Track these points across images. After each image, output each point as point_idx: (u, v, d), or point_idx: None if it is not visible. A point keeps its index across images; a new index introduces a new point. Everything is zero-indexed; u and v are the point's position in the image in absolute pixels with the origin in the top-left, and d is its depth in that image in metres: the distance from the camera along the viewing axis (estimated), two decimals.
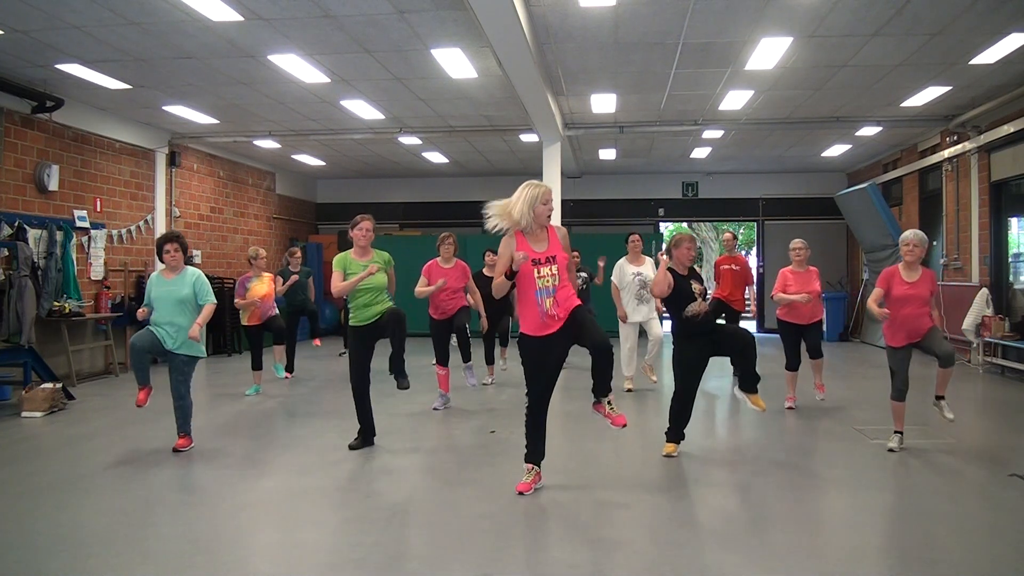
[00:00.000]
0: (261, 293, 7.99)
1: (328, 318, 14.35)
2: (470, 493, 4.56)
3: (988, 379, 9.13)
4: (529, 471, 4.57)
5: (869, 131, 11.40)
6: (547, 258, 4.36)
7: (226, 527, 4.04)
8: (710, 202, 16.28)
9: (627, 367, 8.01)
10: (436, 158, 14.03)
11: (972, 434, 6.15)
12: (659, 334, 7.95)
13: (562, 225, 5.76)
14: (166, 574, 3.41)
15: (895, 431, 5.55)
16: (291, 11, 6.50)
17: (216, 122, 10.79)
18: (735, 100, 9.67)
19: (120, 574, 3.41)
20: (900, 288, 5.35)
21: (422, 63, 8.05)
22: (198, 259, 12.17)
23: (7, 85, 8.20)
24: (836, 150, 13.30)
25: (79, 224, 9.44)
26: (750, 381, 5.26)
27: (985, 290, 9.62)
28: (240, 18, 6.62)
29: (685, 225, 32.36)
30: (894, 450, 5.44)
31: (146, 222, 10.85)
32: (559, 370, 4.55)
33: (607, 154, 13.79)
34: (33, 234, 8.55)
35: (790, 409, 7.01)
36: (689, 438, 5.53)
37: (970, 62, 7.96)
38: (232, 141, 12.11)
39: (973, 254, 10.43)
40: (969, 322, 9.49)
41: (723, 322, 5.21)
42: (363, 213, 5.76)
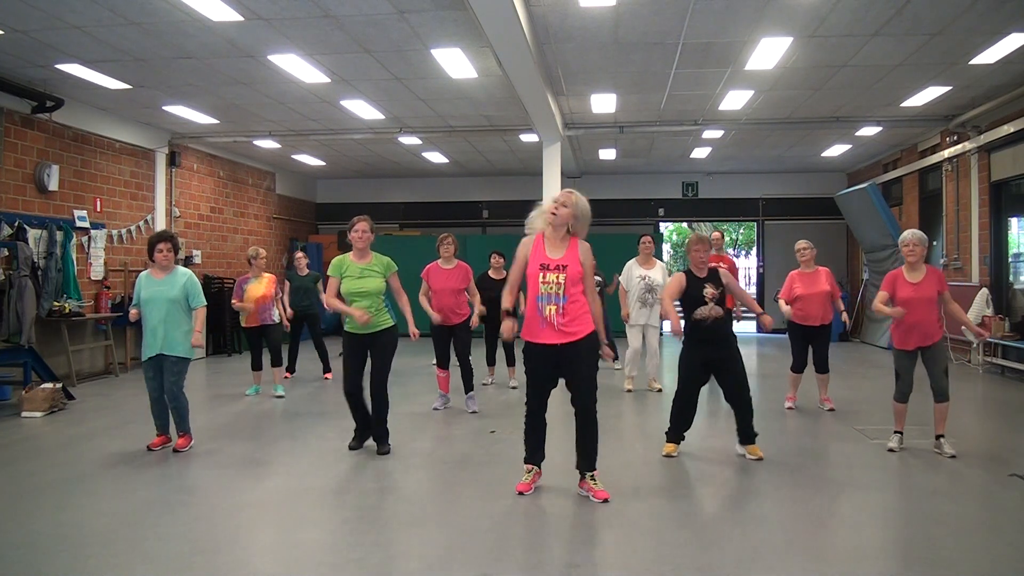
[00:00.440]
0: (257, 295, 7.88)
1: (328, 319, 14.32)
2: (470, 493, 4.56)
3: (988, 379, 9.13)
4: (529, 471, 4.56)
5: (869, 131, 11.40)
6: (557, 265, 4.25)
7: (226, 527, 4.04)
8: (710, 202, 16.28)
9: (630, 368, 8.07)
10: (436, 158, 14.03)
11: (972, 434, 6.14)
12: (656, 347, 8.01)
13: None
14: (166, 574, 3.41)
15: (895, 431, 5.55)
16: (291, 11, 6.50)
17: (216, 122, 10.79)
18: (735, 100, 9.68)
19: (120, 574, 3.41)
20: (905, 290, 5.28)
21: (422, 63, 8.05)
22: (198, 259, 12.18)
23: (7, 85, 8.20)
24: (836, 150, 13.30)
25: (79, 224, 9.44)
26: (748, 436, 5.36)
27: (985, 290, 9.62)
28: (240, 18, 6.62)
29: (685, 225, 32.44)
30: (894, 450, 5.45)
31: (146, 222, 10.85)
32: (556, 380, 4.47)
33: (607, 154, 13.79)
34: (33, 234, 8.55)
35: (790, 409, 7.03)
36: (688, 438, 5.56)
37: (970, 62, 7.97)
38: (232, 141, 12.11)
39: (973, 254, 10.43)
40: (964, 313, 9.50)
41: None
42: (361, 214, 5.56)
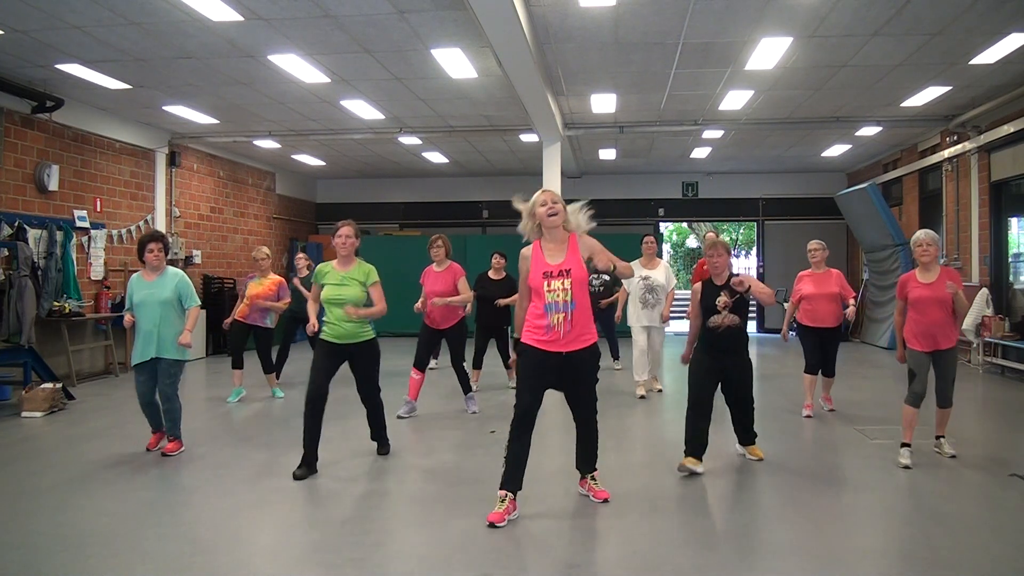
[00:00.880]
0: (251, 292, 7.78)
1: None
2: (470, 493, 4.55)
3: (988, 379, 9.12)
4: (502, 499, 4.01)
5: (869, 131, 11.40)
6: (560, 271, 4.03)
7: (226, 527, 4.04)
8: (710, 202, 16.28)
9: (638, 373, 7.79)
10: (436, 158, 14.03)
11: (972, 434, 6.14)
12: (658, 349, 7.85)
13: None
14: (166, 574, 3.41)
15: (903, 444, 5.14)
16: (291, 11, 6.50)
17: (216, 122, 10.79)
18: (735, 100, 9.68)
19: (120, 574, 3.41)
20: (917, 291, 5.10)
21: (422, 63, 8.05)
22: (198, 259, 12.18)
23: (7, 85, 8.20)
24: (836, 150, 13.30)
25: (79, 224, 9.44)
26: (749, 437, 5.32)
27: (985, 290, 9.62)
28: (240, 18, 6.62)
29: (685, 225, 32.42)
30: (909, 467, 5.00)
31: (146, 222, 10.85)
32: (551, 386, 4.25)
33: (607, 154, 13.79)
34: (33, 234, 8.55)
35: (808, 418, 6.66)
36: (683, 437, 5.48)
37: (970, 62, 7.97)
38: (232, 141, 12.11)
39: (973, 254, 10.43)
40: (969, 322, 9.49)
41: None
42: (357, 215, 5.31)
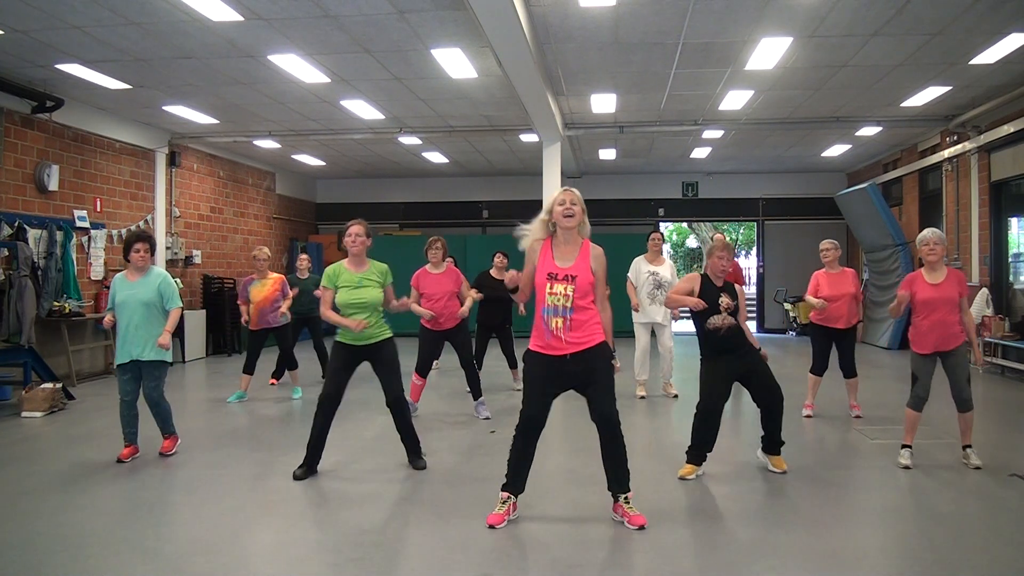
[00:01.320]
0: (258, 297, 7.76)
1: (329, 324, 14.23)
2: (470, 493, 4.55)
3: (988, 379, 9.12)
4: (503, 501, 4.01)
5: (869, 131, 11.41)
6: (566, 275, 3.90)
7: (226, 527, 4.04)
8: (710, 202, 16.28)
9: (640, 371, 7.76)
10: (436, 158, 14.04)
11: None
12: (670, 345, 7.68)
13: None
14: (166, 574, 3.41)
15: (904, 445, 5.13)
16: (291, 11, 6.51)
17: (216, 122, 10.79)
18: (735, 100, 9.68)
19: (120, 574, 3.41)
20: (924, 292, 5.01)
21: (422, 63, 8.05)
22: (198, 259, 12.18)
23: (7, 85, 8.20)
24: (836, 150, 13.30)
25: (79, 224, 9.44)
26: (774, 446, 5.03)
27: (985, 290, 9.63)
28: (240, 18, 6.62)
29: (685, 225, 32.38)
30: (908, 467, 5.03)
31: (146, 222, 10.85)
32: (557, 393, 4.07)
33: (607, 154, 13.79)
34: (33, 234, 8.55)
35: (808, 418, 6.68)
36: (683, 438, 5.45)
37: (970, 62, 7.97)
38: (232, 141, 12.12)
39: (973, 254, 10.43)
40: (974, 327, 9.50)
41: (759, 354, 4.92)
42: (359, 215, 5.25)
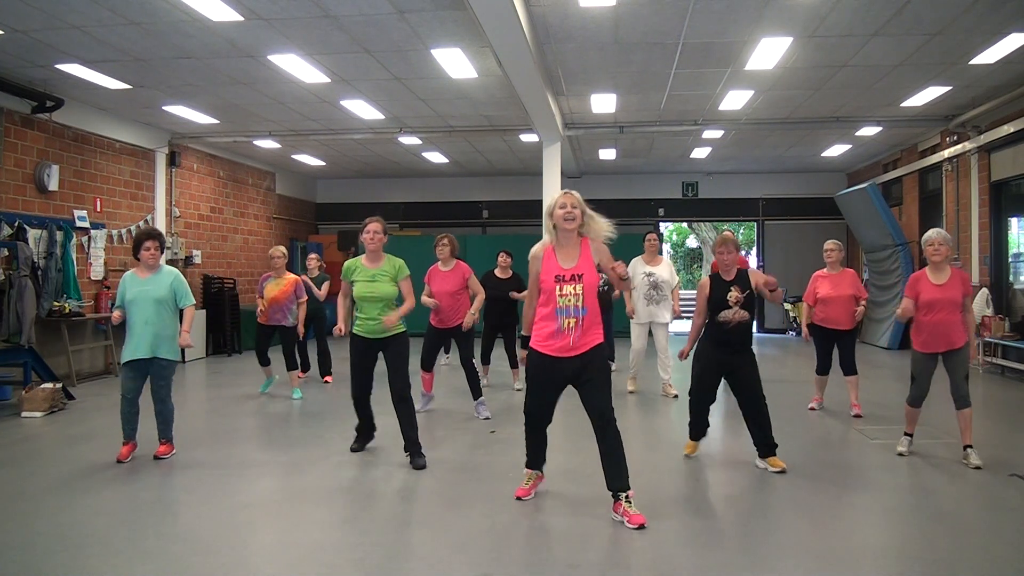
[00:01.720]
0: (270, 296, 7.84)
1: (332, 319, 14.26)
2: (470, 493, 4.56)
3: (988, 379, 9.12)
4: (528, 476, 4.44)
5: (869, 131, 11.41)
6: (572, 276, 4.04)
7: (226, 527, 4.04)
8: (710, 202, 16.28)
9: (633, 367, 8.00)
10: (436, 158, 14.03)
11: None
12: (665, 345, 7.81)
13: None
14: (166, 574, 3.41)
15: (905, 433, 5.41)
16: (291, 11, 6.51)
17: (216, 122, 10.79)
18: (735, 100, 9.68)
19: (120, 574, 3.41)
20: (929, 292, 5.07)
21: (422, 63, 8.05)
22: (198, 259, 12.18)
23: (7, 85, 8.20)
24: (836, 150, 13.30)
25: (79, 224, 9.44)
26: (768, 448, 5.10)
27: (985, 290, 9.63)
28: (240, 18, 6.62)
29: (685, 225, 32.39)
30: (903, 454, 5.32)
31: (146, 222, 10.84)
32: (559, 393, 4.27)
33: (607, 154, 13.79)
34: (33, 234, 8.55)
35: (812, 410, 7.02)
36: (683, 438, 5.50)
37: (970, 62, 7.97)
38: (232, 141, 12.11)
39: (973, 254, 10.43)
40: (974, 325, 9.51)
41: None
42: (362, 214, 5.34)
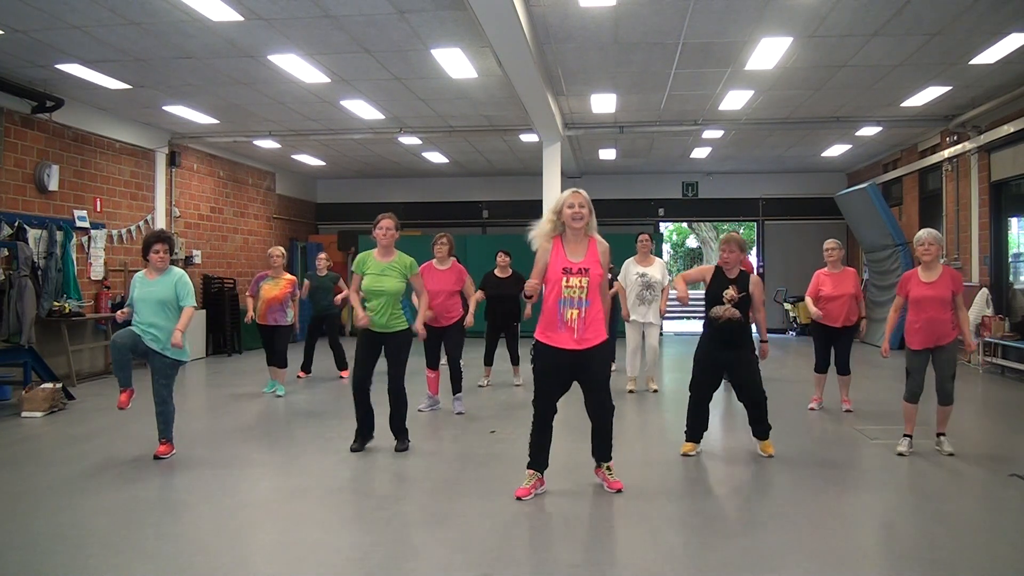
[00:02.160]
0: (267, 296, 7.85)
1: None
2: (470, 493, 4.56)
3: (988, 379, 9.13)
4: (530, 477, 4.45)
5: (869, 131, 11.41)
6: (580, 269, 4.23)
7: (226, 527, 4.04)
8: (710, 202, 16.29)
9: (630, 368, 8.01)
10: (436, 158, 14.03)
11: (972, 434, 6.14)
12: (655, 344, 7.96)
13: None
14: (166, 574, 3.41)
15: (904, 434, 5.43)
16: (291, 11, 6.51)
17: (216, 122, 10.79)
18: (735, 100, 9.68)
19: (120, 574, 3.40)
20: (918, 289, 5.26)
21: (422, 63, 8.05)
22: (198, 259, 12.18)
23: (7, 85, 8.20)
24: (836, 150, 13.30)
25: (79, 224, 9.44)
26: (759, 429, 5.36)
27: (985, 290, 9.63)
28: (240, 18, 6.62)
29: (685, 225, 32.40)
30: (903, 454, 5.33)
31: (146, 222, 10.85)
32: (567, 386, 4.44)
33: (607, 154, 13.79)
34: (33, 234, 8.55)
35: (812, 410, 6.99)
36: (683, 438, 5.51)
37: (970, 62, 7.97)
38: (232, 141, 12.11)
39: (973, 254, 10.43)
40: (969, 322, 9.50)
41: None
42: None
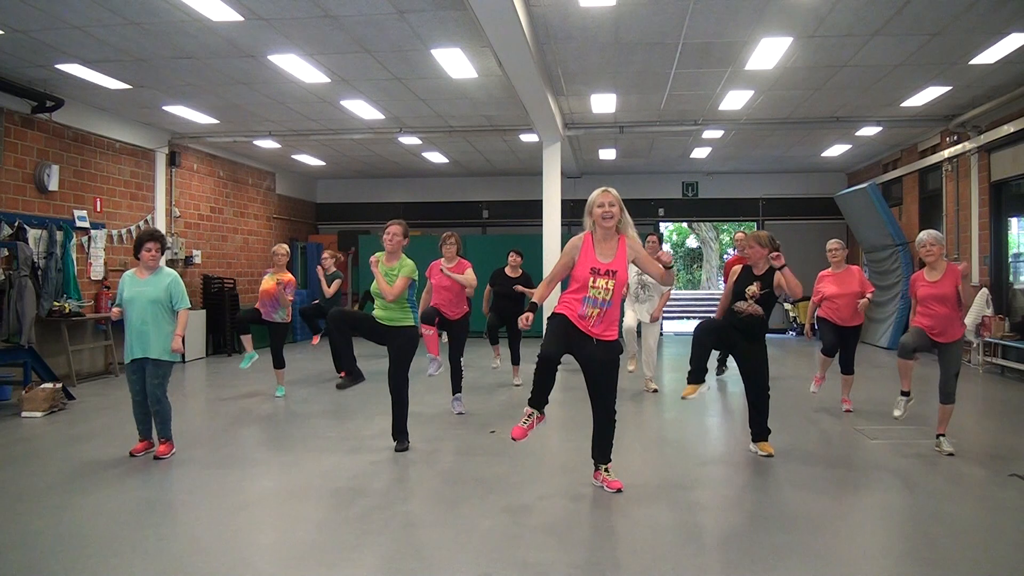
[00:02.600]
0: (262, 288, 7.88)
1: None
2: (470, 493, 4.56)
3: (988, 379, 9.13)
4: (528, 416, 4.28)
5: (869, 131, 11.40)
6: (608, 271, 4.22)
7: (226, 527, 4.04)
8: (710, 202, 16.28)
9: (628, 346, 7.82)
10: (436, 158, 14.03)
11: (972, 434, 6.14)
12: (652, 346, 7.91)
13: (563, 226, 5.64)
14: (166, 574, 3.41)
15: (901, 392, 5.60)
16: (291, 11, 6.51)
17: (216, 122, 10.79)
18: (735, 100, 9.67)
19: (120, 574, 3.41)
20: (924, 289, 5.47)
21: (422, 63, 8.05)
22: (198, 259, 12.18)
23: (7, 85, 8.20)
24: (836, 150, 13.30)
25: (79, 224, 9.44)
26: (761, 433, 5.41)
27: (985, 290, 9.62)
28: (240, 18, 6.62)
29: (685, 225, 32.40)
30: (898, 417, 5.60)
31: (146, 222, 10.84)
32: (569, 347, 4.32)
33: (607, 154, 13.79)
34: (33, 234, 8.55)
35: (814, 393, 7.12)
36: (683, 437, 5.51)
37: (970, 62, 7.97)
38: (232, 141, 12.11)
39: (973, 254, 10.43)
40: (969, 322, 9.50)
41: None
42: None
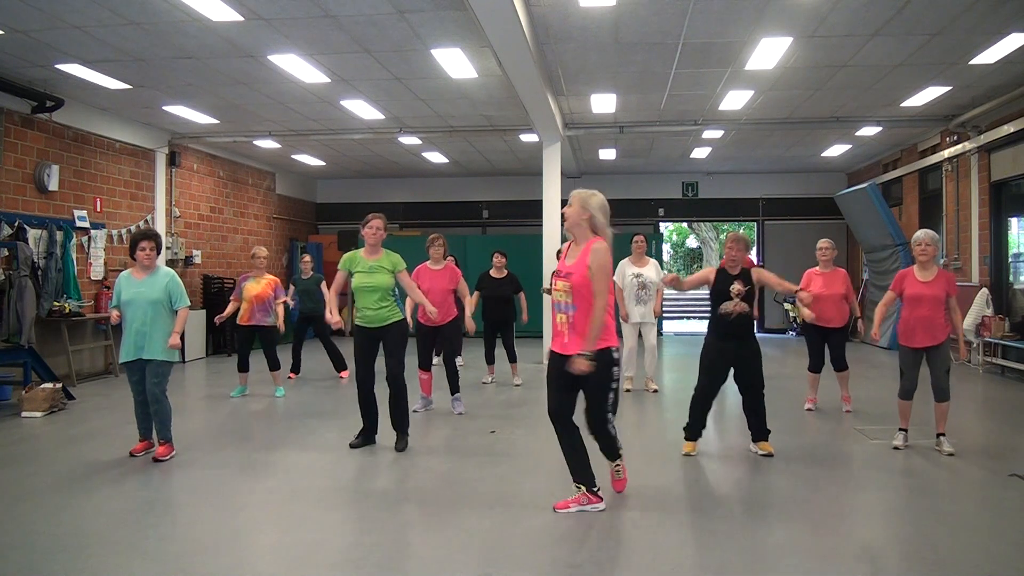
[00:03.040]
0: (252, 294, 7.88)
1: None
2: (470, 493, 4.56)
3: (988, 379, 9.13)
4: (577, 488, 4.20)
5: (869, 131, 11.40)
6: (566, 273, 4.14)
7: (226, 527, 4.04)
8: (710, 202, 16.28)
9: (626, 367, 7.99)
10: (436, 158, 14.03)
11: (972, 434, 6.14)
12: (653, 344, 8.00)
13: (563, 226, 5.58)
14: (166, 574, 3.41)
15: (900, 428, 5.58)
16: (291, 11, 6.51)
17: (216, 122, 10.79)
18: (735, 100, 9.67)
19: (120, 574, 3.41)
20: (914, 287, 5.34)
21: (422, 63, 8.05)
22: (198, 259, 12.18)
23: (7, 85, 8.20)
24: (836, 150, 13.30)
25: (79, 224, 9.44)
26: (761, 433, 5.43)
27: (985, 290, 9.62)
28: (240, 18, 6.62)
29: (685, 225, 32.41)
30: (899, 448, 5.49)
31: (146, 222, 10.84)
32: (573, 391, 4.16)
33: (607, 154, 13.79)
34: (33, 234, 8.55)
35: (809, 411, 6.99)
36: (683, 437, 5.51)
37: (970, 62, 7.97)
38: (232, 141, 12.11)
39: (973, 254, 10.43)
40: (969, 322, 9.50)
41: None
42: (361, 214, 5.60)
